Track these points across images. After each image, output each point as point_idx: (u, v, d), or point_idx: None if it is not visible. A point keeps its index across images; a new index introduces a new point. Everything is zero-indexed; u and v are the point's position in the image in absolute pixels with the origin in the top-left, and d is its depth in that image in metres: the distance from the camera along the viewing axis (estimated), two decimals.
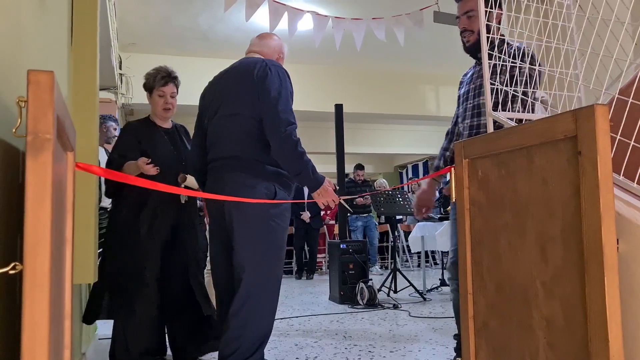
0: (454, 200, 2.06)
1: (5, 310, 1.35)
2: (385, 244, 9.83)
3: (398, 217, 8.57)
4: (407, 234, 8.90)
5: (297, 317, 4.35)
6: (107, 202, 4.61)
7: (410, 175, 14.18)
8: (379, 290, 5.59)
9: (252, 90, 2.43)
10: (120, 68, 7.28)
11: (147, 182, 2.34)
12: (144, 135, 2.97)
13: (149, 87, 3.05)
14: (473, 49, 2.51)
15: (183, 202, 2.98)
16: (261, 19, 5.95)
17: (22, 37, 1.58)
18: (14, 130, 1.11)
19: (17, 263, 1.06)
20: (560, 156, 1.57)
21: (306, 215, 8.21)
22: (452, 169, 2.09)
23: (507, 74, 2.37)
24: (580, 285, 1.50)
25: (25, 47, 1.63)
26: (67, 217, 1.55)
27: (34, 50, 1.77)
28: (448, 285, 5.63)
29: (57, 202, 1.18)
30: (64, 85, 2.54)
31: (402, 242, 9.35)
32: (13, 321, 1.34)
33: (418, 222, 7.91)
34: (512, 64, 2.32)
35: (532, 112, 2.35)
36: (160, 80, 3.00)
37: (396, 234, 7.76)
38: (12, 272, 1.07)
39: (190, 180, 2.88)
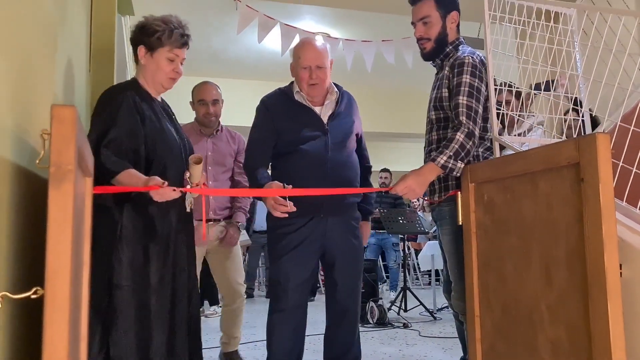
0: (460, 223, 2.09)
1: (25, 332, 1.41)
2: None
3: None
4: (417, 251, 8.87)
5: (307, 335, 4.36)
6: None
7: None
8: (389, 309, 5.59)
9: None
10: None
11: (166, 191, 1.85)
12: (147, 113, 2.04)
13: (152, 42, 2.05)
14: (430, 57, 2.39)
15: (189, 210, 2.13)
16: (273, 41, 6.06)
17: (45, 69, 1.65)
18: (37, 161, 1.17)
19: (39, 288, 1.11)
20: (563, 182, 1.61)
21: None
22: (459, 192, 2.12)
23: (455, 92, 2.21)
24: (584, 309, 1.52)
25: (47, 79, 1.70)
26: (84, 240, 1.61)
27: (56, 81, 1.84)
28: None
29: (76, 227, 1.23)
30: (83, 108, 2.62)
31: (412, 260, 9.32)
32: (33, 342, 1.39)
33: (429, 240, 7.89)
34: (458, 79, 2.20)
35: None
36: (179, 39, 2.08)
37: (407, 251, 7.73)
38: (33, 296, 1.12)
39: (200, 169, 2.05)
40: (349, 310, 2.55)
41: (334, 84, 2.60)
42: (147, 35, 2.04)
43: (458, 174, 2.12)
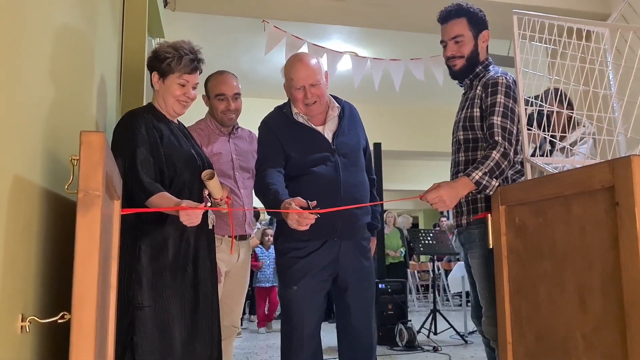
0: (490, 246, 2.05)
1: (52, 355, 1.41)
2: (425, 283, 9.63)
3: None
4: (447, 272, 8.74)
5: (335, 358, 4.31)
6: None
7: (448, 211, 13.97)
8: (419, 331, 5.50)
9: None
10: None
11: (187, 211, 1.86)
12: (165, 132, 2.09)
13: (163, 68, 2.09)
14: (460, 76, 2.35)
15: (210, 227, 2.17)
16: None
17: (78, 93, 1.68)
18: (66, 186, 1.18)
19: (66, 313, 1.12)
20: (597, 206, 1.56)
21: None
22: (489, 214, 2.08)
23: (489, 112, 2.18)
24: (621, 338, 1.47)
25: (81, 102, 1.73)
26: (112, 263, 1.62)
27: (89, 104, 1.88)
28: None
29: (103, 251, 1.24)
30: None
31: (442, 282, 9.17)
32: None
33: (458, 260, 7.77)
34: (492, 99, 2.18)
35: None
36: (189, 64, 2.09)
37: (436, 272, 7.61)
38: (60, 321, 1.13)
39: (216, 183, 2.11)
40: (364, 335, 2.47)
41: (334, 97, 2.52)
42: (159, 62, 2.09)
43: (491, 193, 2.08)
